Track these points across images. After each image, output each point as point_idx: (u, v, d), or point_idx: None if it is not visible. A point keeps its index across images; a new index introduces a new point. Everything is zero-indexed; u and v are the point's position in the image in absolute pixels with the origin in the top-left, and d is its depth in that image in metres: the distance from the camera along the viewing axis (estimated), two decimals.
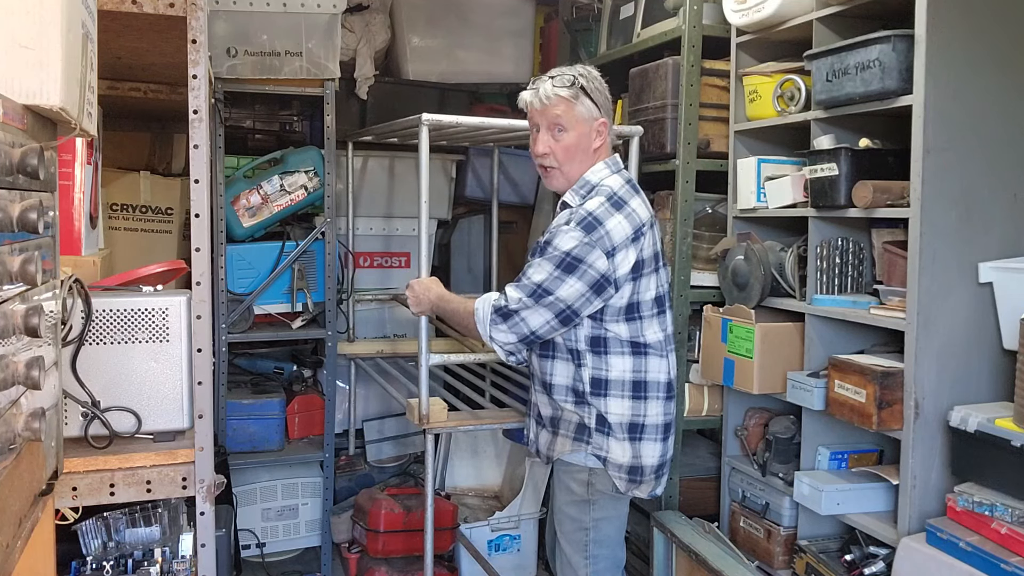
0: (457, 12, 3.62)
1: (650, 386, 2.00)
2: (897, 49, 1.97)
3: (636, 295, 1.94)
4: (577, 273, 1.88)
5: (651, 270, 1.96)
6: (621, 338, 1.96)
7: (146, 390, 1.62)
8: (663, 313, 2.02)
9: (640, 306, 1.96)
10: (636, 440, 1.99)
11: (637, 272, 1.92)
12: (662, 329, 2.01)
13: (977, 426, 1.88)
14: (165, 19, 1.63)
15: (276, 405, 3.19)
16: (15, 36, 1.12)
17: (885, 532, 2.07)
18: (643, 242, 1.94)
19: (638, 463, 1.99)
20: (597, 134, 1.98)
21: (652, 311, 1.98)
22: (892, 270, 2.14)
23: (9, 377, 0.96)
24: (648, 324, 1.98)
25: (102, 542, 1.69)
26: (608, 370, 1.97)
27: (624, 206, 1.93)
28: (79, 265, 1.82)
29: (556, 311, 1.90)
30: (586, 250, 1.87)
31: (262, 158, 3.17)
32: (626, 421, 1.98)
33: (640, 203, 1.97)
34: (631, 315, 1.95)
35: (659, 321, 2.00)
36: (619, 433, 1.97)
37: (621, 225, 1.90)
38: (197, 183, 1.64)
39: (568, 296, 1.89)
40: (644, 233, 1.94)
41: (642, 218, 1.95)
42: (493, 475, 3.69)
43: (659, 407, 2.01)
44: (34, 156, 1.01)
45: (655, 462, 2.01)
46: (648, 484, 2.03)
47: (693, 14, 2.60)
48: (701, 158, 2.65)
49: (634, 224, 1.92)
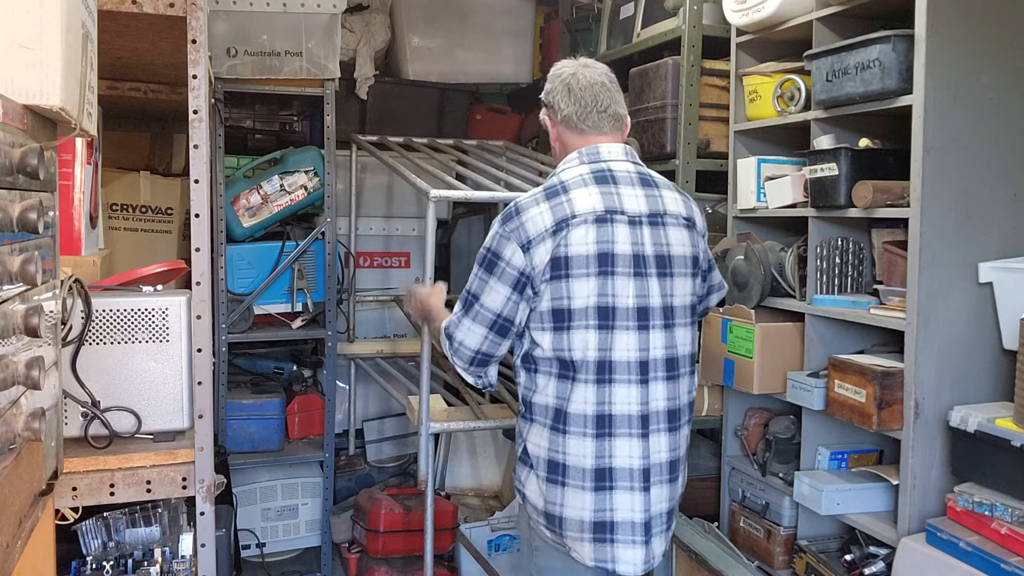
0: (457, 12, 3.62)
1: (572, 418, 1.66)
2: (897, 49, 1.97)
3: (562, 300, 1.65)
4: (497, 272, 1.67)
5: (591, 273, 1.65)
6: (545, 353, 1.68)
7: (146, 390, 1.62)
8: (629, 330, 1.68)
9: (571, 314, 1.65)
10: (556, 484, 1.68)
11: (559, 272, 1.64)
12: (601, 348, 1.66)
13: (977, 426, 1.88)
14: (165, 19, 1.63)
15: (276, 405, 3.19)
16: (15, 36, 1.12)
17: (885, 532, 2.07)
18: (570, 237, 1.64)
19: (554, 512, 1.67)
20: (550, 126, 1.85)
21: (586, 323, 1.66)
22: (892, 270, 2.14)
23: (9, 377, 0.96)
24: (578, 338, 1.66)
25: (102, 542, 1.69)
26: (535, 390, 1.71)
27: (559, 196, 1.68)
28: (79, 265, 1.82)
29: (487, 323, 1.69)
30: (502, 243, 1.67)
31: (262, 158, 3.17)
32: (543, 456, 1.69)
33: (588, 194, 1.68)
34: (558, 323, 1.67)
35: (600, 338, 1.66)
36: (539, 469, 1.70)
37: (542, 216, 1.66)
38: (197, 183, 1.65)
39: (494, 303, 1.67)
40: (572, 226, 1.64)
41: (577, 209, 1.66)
42: (493, 475, 3.69)
43: (584, 447, 1.65)
44: (34, 156, 1.01)
45: (583, 516, 1.66)
46: (581, 544, 1.67)
47: (693, 14, 2.60)
48: (701, 158, 2.65)
49: (559, 215, 1.65)
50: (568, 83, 1.78)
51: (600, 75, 1.80)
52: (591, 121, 1.78)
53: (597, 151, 1.77)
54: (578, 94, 1.77)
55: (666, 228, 1.74)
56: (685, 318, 1.76)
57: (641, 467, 1.68)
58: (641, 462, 1.68)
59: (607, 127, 1.79)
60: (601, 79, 1.79)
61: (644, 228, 1.71)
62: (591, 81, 1.78)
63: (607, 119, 1.78)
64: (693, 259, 1.78)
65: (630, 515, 1.67)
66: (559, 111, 1.80)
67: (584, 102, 1.77)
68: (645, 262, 1.70)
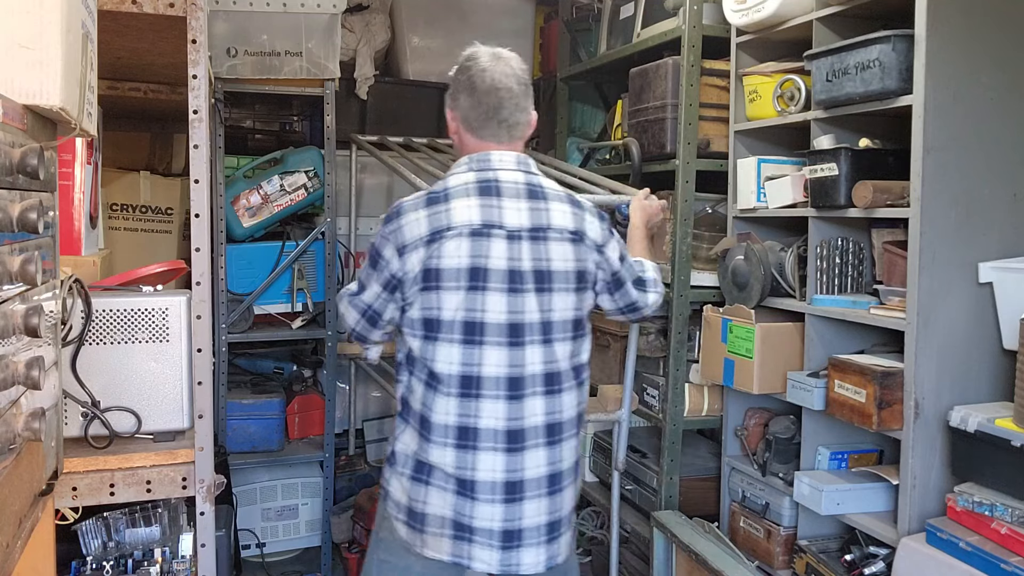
0: (457, 12, 3.62)
1: (434, 427, 1.66)
2: (897, 49, 1.97)
3: (432, 311, 1.65)
4: (377, 268, 1.68)
5: (461, 287, 1.63)
6: (415, 356, 1.69)
7: (146, 390, 1.62)
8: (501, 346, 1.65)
9: (439, 325, 1.65)
10: (420, 483, 1.68)
11: (431, 283, 1.64)
12: (465, 363, 1.64)
13: (977, 426, 1.88)
14: (165, 19, 1.63)
15: (276, 405, 3.20)
16: (15, 36, 1.12)
17: (885, 532, 2.07)
18: (443, 249, 1.63)
19: (417, 508, 1.68)
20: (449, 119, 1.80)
21: (452, 336, 1.64)
22: (892, 270, 2.14)
23: (9, 377, 0.96)
24: (443, 351, 1.65)
25: (102, 542, 1.69)
26: (411, 393, 1.71)
27: (439, 204, 1.66)
28: (79, 265, 1.82)
29: (360, 310, 1.73)
30: (382, 243, 1.68)
31: (262, 158, 3.17)
32: (411, 455, 1.69)
33: (468, 206, 1.66)
34: (428, 333, 1.66)
35: (464, 353, 1.64)
36: (406, 468, 1.70)
37: (419, 223, 1.64)
38: (197, 183, 1.65)
39: (368, 295, 1.71)
40: (447, 238, 1.63)
41: (453, 221, 1.64)
42: None
43: (445, 455, 1.66)
44: (34, 156, 1.01)
45: (444, 513, 1.66)
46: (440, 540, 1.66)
47: (693, 14, 2.60)
48: (701, 158, 2.65)
49: (435, 225, 1.64)
50: (473, 81, 1.72)
51: (509, 77, 1.72)
52: (489, 130, 1.73)
53: (488, 159, 1.73)
54: (481, 97, 1.72)
55: (548, 243, 1.70)
56: (566, 333, 1.72)
57: (504, 480, 1.67)
58: (505, 475, 1.67)
59: (504, 136, 1.74)
60: (508, 83, 1.72)
61: (524, 243, 1.68)
62: (497, 84, 1.71)
63: (505, 129, 1.73)
64: (578, 274, 1.73)
65: (488, 524, 1.66)
66: (459, 108, 1.75)
67: (485, 107, 1.72)
68: (522, 278, 1.66)
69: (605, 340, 2.93)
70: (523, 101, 1.75)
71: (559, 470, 1.72)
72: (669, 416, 2.68)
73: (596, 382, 2.91)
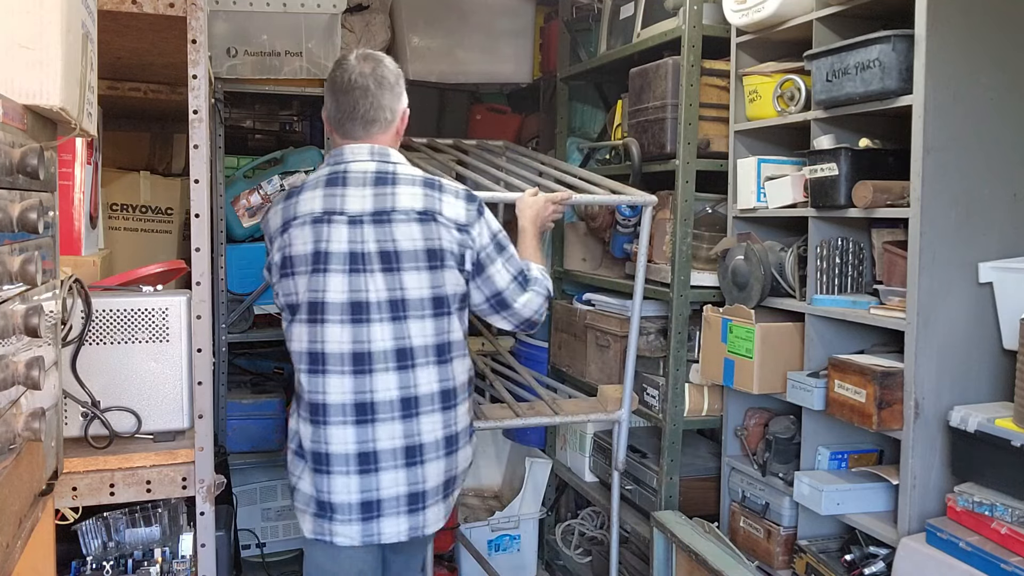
0: (457, 12, 3.62)
1: (300, 403, 1.82)
2: (897, 49, 1.97)
3: (291, 296, 1.81)
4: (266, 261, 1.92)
5: (307, 271, 1.78)
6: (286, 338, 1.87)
7: (146, 390, 1.62)
8: (345, 324, 1.77)
9: (296, 308, 1.81)
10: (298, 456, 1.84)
11: (287, 270, 1.81)
12: (311, 340, 1.78)
13: (977, 426, 1.88)
14: (165, 19, 1.63)
15: (276, 405, 3.19)
16: (15, 36, 1.12)
17: (885, 532, 2.07)
18: (291, 237, 1.80)
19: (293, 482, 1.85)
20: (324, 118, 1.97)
21: (301, 317, 1.79)
22: (892, 270, 2.14)
23: (9, 377, 0.96)
24: (296, 330, 1.81)
25: (102, 542, 1.69)
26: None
27: (292, 198, 1.84)
28: (79, 265, 1.82)
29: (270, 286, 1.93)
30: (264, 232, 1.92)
31: (262, 158, 3.17)
32: (295, 431, 1.85)
33: (313, 197, 1.82)
34: (289, 316, 1.84)
35: (310, 331, 1.78)
36: (290, 440, 1.87)
37: (276, 216, 1.85)
38: (197, 183, 1.65)
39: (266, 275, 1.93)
40: (293, 227, 1.80)
41: (299, 212, 1.81)
42: (493, 475, 3.69)
43: (306, 430, 1.80)
44: (34, 156, 1.01)
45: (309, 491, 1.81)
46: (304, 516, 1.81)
47: (693, 14, 2.60)
48: (701, 158, 2.65)
49: (286, 217, 1.83)
50: (335, 84, 1.87)
51: (367, 76, 1.85)
52: (346, 128, 1.88)
53: (342, 153, 1.88)
54: (340, 98, 1.87)
55: (392, 224, 1.80)
56: (424, 310, 1.81)
57: (356, 452, 1.78)
58: (356, 447, 1.78)
59: (361, 132, 1.88)
60: (365, 82, 1.85)
61: (367, 227, 1.79)
62: (354, 85, 1.85)
63: (362, 126, 1.87)
64: (428, 252, 1.81)
65: (346, 497, 1.78)
66: (327, 110, 1.91)
67: (342, 107, 1.87)
68: (365, 259, 1.78)
69: (605, 340, 2.93)
70: (382, 99, 1.88)
71: (417, 443, 1.81)
72: (669, 416, 2.69)
73: (596, 382, 2.91)
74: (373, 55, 1.91)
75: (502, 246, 1.91)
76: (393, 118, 1.92)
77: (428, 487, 1.83)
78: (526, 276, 1.92)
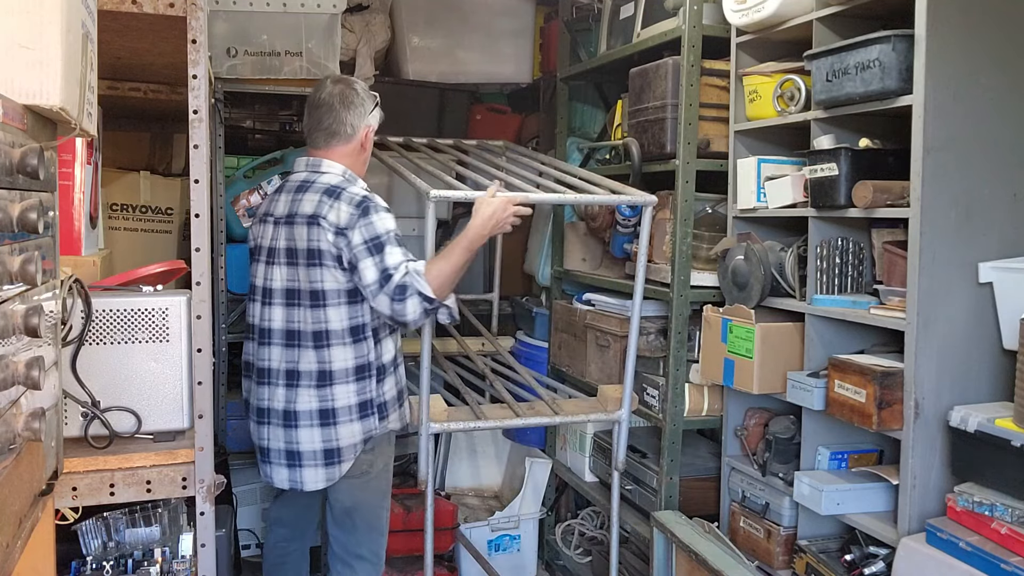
0: (457, 12, 3.62)
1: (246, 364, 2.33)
2: (897, 49, 1.97)
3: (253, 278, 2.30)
4: None
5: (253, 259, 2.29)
6: None
7: (146, 390, 1.62)
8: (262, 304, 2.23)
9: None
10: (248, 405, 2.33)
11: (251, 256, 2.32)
12: (251, 316, 2.28)
13: (977, 426, 1.88)
14: (165, 19, 1.63)
15: None
16: (15, 36, 1.12)
17: (885, 532, 2.07)
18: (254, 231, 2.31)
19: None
20: None
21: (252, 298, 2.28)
22: (892, 270, 2.14)
23: (9, 377, 0.96)
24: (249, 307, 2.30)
25: (102, 542, 1.69)
26: None
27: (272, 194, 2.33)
28: (79, 265, 1.82)
29: None
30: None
31: (262, 158, 3.17)
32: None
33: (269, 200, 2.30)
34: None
35: (250, 306, 2.29)
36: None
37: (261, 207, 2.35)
38: (197, 183, 1.65)
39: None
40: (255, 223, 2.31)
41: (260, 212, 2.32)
42: (493, 475, 3.69)
43: (244, 383, 2.31)
44: (34, 156, 1.01)
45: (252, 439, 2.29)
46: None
47: (693, 14, 2.60)
48: (701, 158, 2.65)
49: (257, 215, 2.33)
50: (310, 99, 2.27)
51: (332, 96, 2.23)
52: (312, 138, 2.27)
53: (296, 163, 2.32)
54: (311, 111, 2.26)
55: (294, 226, 2.17)
56: (304, 300, 2.16)
57: (256, 406, 2.24)
58: (257, 402, 2.24)
59: (321, 143, 2.26)
60: (329, 100, 2.22)
61: (282, 227, 2.20)
62: (319, 103, 2.24)
63: (323, 137, 2.25)
64: (309, 251, 2.14)
65: (257, 440, 2.25)
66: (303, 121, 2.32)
67: (310, 122, 2.26)
68: (276, 253, 2.20)
69: (605, 340, 2.93)
70: (342, 115, 2.23)
71: (293, 409, 2.17)
72: (669, 416, 2.68)
73: (596, 382, 2.91)
74: (347, 80, 2.28)
75: (379, 248, 2.12)
76: (354, 133, 2.25)
77: (301, 449, 2.18)
78: (389, 278, 2.10)
